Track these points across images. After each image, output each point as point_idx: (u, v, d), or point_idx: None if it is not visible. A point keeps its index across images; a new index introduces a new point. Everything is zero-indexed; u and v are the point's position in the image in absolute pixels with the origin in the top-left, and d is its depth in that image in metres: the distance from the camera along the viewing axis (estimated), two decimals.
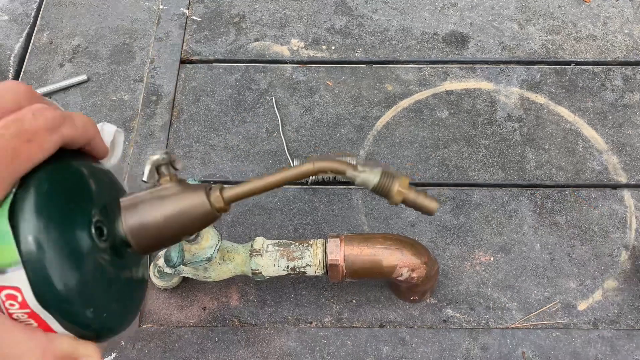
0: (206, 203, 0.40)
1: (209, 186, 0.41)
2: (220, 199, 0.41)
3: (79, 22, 1.04)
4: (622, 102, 0.93)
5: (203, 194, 0.40)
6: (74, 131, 0.36)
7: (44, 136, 0.34)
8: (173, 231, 0.40)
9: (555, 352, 0.74)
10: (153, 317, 0.77)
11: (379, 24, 1.02)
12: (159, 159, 0.40)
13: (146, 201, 0.40)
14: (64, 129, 0.35)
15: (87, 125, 0.38)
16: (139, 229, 0.39)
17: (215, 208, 0.41)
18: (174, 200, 0.40)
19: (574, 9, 1.03)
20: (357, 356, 0.74)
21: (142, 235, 0.39)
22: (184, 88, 0.96)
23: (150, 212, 0.39)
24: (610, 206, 0.84)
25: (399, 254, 0.69)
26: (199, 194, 0.40)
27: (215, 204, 0.41)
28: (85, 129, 0.38)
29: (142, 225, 0.39)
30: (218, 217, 0.41)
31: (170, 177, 0.41)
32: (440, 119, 0.92)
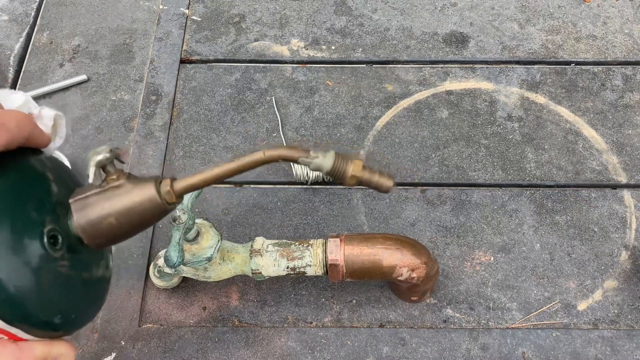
0: (156, 197, 0.39)
1: (159, 179, 0.40)
2: (171, 192, 0.40)
3: (79, 22, 1.04)
4: (622, 102, 0.93)
5: (153, 188, 0.39)
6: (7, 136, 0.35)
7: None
8: (126, 227, 0.39)
9: (555, 352, 0.74)
10: (153, 317, 0.77)
11: (379, 24, 1.02)
12: (102, 159, 0.39)
13: (96, 199, 0.39)
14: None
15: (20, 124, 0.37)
16: (91, 228, 0.38)
17: (166, 201, 0.40)
18: (124, 196, 0.39)
19: (574, 9, 1.03)
20: (357, 356, 0.74)
21: (95, 234, 0.39)
22: (184, 88, 0.96)
23: (100, 210, 0.38)
24: (610, 206, 0.84)
25: (399, 254, 0.69)
26: (148, 189, 0.39)
27: (166, 197, 0.40)
28: (19, 128, 0.36)
29: (93, 224, 0.38)
30: (171, 209, 0.41)
31: (117, 175, 0.40)
32: (440, 119, 0.92)
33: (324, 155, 0.43)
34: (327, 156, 0.43)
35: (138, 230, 0.41)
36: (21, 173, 0.37)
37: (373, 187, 0.45)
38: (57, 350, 0.37)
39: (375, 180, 0.44)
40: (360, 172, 0.44)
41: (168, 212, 0.40)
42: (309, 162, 0.42)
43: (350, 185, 0.44)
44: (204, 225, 0.69)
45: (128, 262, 0.81)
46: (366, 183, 0.44)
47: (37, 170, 0.39)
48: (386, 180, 0.44)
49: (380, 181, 0.44)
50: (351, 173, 0.43)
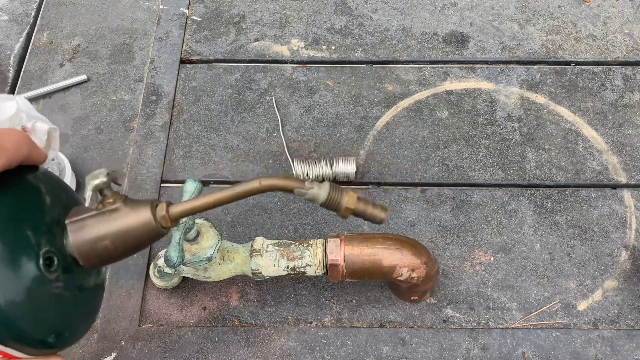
0: (151, 221, 0.40)
1: (155, 203, 0.41)
2: (167, 217, 0.41)
3: (79, 22, 1.04)
4: (622, 102, 0.93)
5: (149, 212, 0.40)
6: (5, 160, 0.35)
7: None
8: (121, 249, 0.40)
9: (555, 352, 0.74)
10: (153, 317, 0.77)
11: (379, 24, 1.02)
12: (99, 183, 0.40)
13: (92, 222, 0.39)
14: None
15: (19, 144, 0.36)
16: (87, 249, 0.39)
17: (161, 225, 0.40)
18: (120, 220, 0.39)
19: (574, 9, 1.03)
20: (357, 356, 0.74)
21: (90, 255, 0.39)
22: (184, 88, 0.96)
23: (96, 232, 0.39)
24: (610, 206, 0.84)
25: (399, 254, 0.69)
26: (144, 213, 0.40)
27: (162, 222, 0.40)
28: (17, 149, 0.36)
29: (89, 246, 0.39)
30: (165, 233, 0.41)
31: (114, 198, 0.40)
32: (440, 119, 0.92)
33: (319, 187, 0.44)
34: (322, 188, 0.44)
35: (132, 253, 0.41)
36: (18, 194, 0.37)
37: (367, 218, 0.45)
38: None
39: (369, 212, 0.45)
40: (354, 204, 0.44)
41: (162, 235, 0.41)
42: (304, 193, 0.43)
43: (343, 217, 0.45)
44: (204, 225, 0.69)
45: (128, 262, 0.81)
46: (360, 214, 0.45)
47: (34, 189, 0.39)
48: (379, 212, 0.45)
49: (374, 213, 0.45)
50: (345, 205, 0.44)
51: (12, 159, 0.36)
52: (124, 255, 0.41)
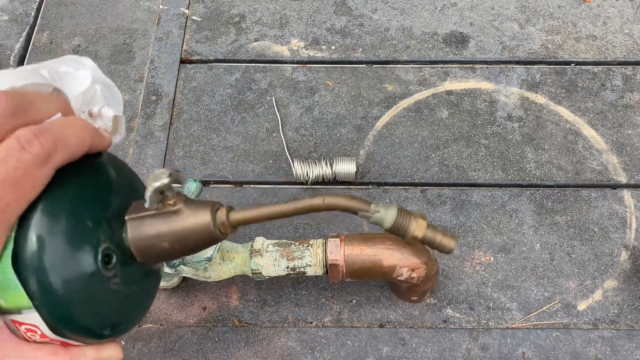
0: (210, 226, 0.39)
1: (216, 206, 0.40)
2: (226, 223, 0.40)
3: (79, 22, 1.04)
4: (622, 102, 0.93)
5: (209, 218, 0.39)
6: (68, 153, 0.34)
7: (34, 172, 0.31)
8: (178, 251, 0.40)
9: (555, 352, 0.74)
10: (153, 317, 0.77)
11: (379, 24, 1.02)
12: (161, 186, 0.39)
13: (152, 222, 0.39)
14: (56, 156, 0.32)
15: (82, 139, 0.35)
16: (144, 248, 0.39)
17: (219, 231, 0.40)
18: (180, 224, 0.39)
19: (574, 9, 1.03)
20: (357, 356, 0.74)
21: (147, 254, 0.39)
22: (184, 88, 0.96)
23: (154, 232, 0.39)
24: (610, 206, 0.84)
25: (399, 253, 0.69)
26: (204, 216, 0.39)
27: (221, 228, 0.40)
28: (81, 143, 0.35)
29: (147, 245, 0.39)
30: (223, 238, 0.40)
31: (175, 200, 0.40)
32: (440, 119, 0.92)
33: (385, 211, 0.41)
34: (389, 212, 0.41)
35: (189, 254, 0.41)
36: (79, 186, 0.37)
37: (435, 247, 0.42)
38: (106, 353, 0.38)
39: (438, 241, 0.42)
40: (423, 232, 0.42)
41: (220, 240, 0.40)
42: (368, 216, 0.41)
43: (410, 244, 0.43)
44: None
45: None
46: (428, 243, 0.43)
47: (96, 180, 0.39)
48: (449, 241, 0.42)
49: (443, 242, 0.42)
50: (414, 233, 0.41)
51: (75, 153, 0.35)
52: (180, 255, 0.41)
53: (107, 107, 0.40)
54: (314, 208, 0.41)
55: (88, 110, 0.41)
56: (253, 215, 0.40)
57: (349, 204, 0.40)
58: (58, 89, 0.39)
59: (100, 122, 0.41)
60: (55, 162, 0.32)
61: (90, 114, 0.41)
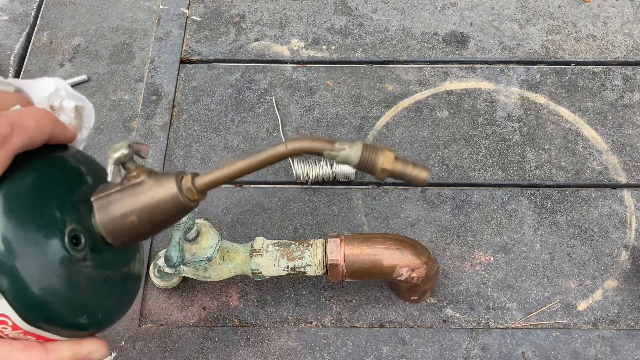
0: (177, 194, 0.38)
1: (180, 175, 0.39)
2: (192, 189, 0.39)
3: (79, 22, 1.04)
4: (622, 102, 0.93)
5: (174, 185, 0.38)
6: (26, 137, 0.34)
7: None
8: (148, 225, 0.38)
9: (555, 352, 0.74)
10: (153, 317, 0.77)
11: (379, 24, 1.02)
12: (120, 156, 0.38)
13: (117, 197, 0.38)
14: (14, 140, 0.33)
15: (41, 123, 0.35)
16: (114, 226, 0.38)
17: (187, 198, 0.39)
18: (145, 196, 0.38)
19: (574, 9, 1.03)
20: (357, 356, 0.74)
21: (118, 232, 0.38)
22: (184, 88, 0.96)
23: (122, 208, 0.38)
24: (610, 206, 0.84)
25: (399, 254, 0.69)
26: (169, 186, 0.38)
27: (188, 195, 0.39)
28: (40, 127, 0.35)
29: (116, 225, 0.38)
30: (193, 206, 0.39)
31: (137, 171, 0.39)
32: (440, 119, 0.92)
33: (350, 147, 0.39)
34: (354, 147, 0.39)
35: (162, 228, 0.40)
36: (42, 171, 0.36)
37: (407, 179, 0.40)
38: (86, 348, 0.36)
39: (409, 172, 0.40)
40: (392, 164, 0.40)
41: (191, 208, 0.39)
42: (334, 155, 0.39)
43: (380, 179, 0.40)
44: (204, 225, 0.69)
45: None
46: (399, 176, 0.40)
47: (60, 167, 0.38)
48: (420, 171, 0.40)
49: (413, 173, 0.40)
50: (382, 165, 0.40)
51: (34, 138, 0.35)
52: (153, 231, 0.39)
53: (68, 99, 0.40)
54: (279, 156, 0.40)
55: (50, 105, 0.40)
56: (218, 175, 0.39)
57: (312, 145, 0.39)
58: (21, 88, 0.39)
59: (64, 116, 0.40)
60: (14, 146, 0.33)
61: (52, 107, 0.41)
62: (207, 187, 0.39)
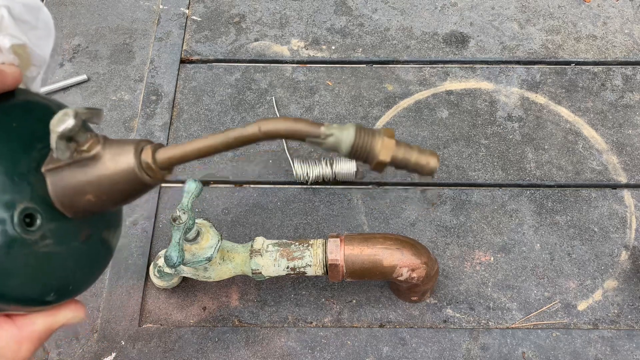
0: (134, 171, 0.33)
1: (140, 145, 0.34)
2: (153, 165, 0.33)
3: (79, 22, 1.04)
4: (622, 102, 0.93)
5: (132, 159, 0.33)
6: None
7: None
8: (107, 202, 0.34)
9: (555, 352, 0.74)
10: (153, 317, 0.77)
11: (379, 24, 1.02)
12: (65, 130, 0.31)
13: (70, 172, 0.33)
14: None
15: None
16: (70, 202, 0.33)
17: (147, 174, 0.33)
18: (98, 169, 0.33)
19: (574, 9, 1.03)
20: (357, 356, 0.74)
21: (75, 208, 0.33)
22: (184, 88, 0.96)
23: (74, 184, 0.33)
24: (610, 206, 0.84)
25: (399, 254, 0.69)
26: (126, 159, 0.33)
27: (148, 171, 0.33)
28: None
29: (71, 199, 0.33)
30: (154, 184, 0.34)
31: (91, 143, 0.33)
32: (440, 119, 0.92)
33: (340, 131, 0.31)
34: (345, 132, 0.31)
35: (123, 203, 0.35)
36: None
37: (412, 169, 0.33)
38: (62, 316, 0.33)
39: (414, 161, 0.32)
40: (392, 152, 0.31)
41: (152, 186, 0.34)
42: (320, 142, 0.32)
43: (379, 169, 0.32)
44: (204, 225, 0.69)
45: (128, 262, 0.81)
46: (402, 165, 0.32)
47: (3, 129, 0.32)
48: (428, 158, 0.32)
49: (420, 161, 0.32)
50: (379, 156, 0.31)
51: None
52: (114, 206, 0.35)
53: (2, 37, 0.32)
54: (251, 138, 0.33)
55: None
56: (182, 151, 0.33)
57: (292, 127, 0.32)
58: None
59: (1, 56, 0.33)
60: None
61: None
62: (170, 163, 0.33)
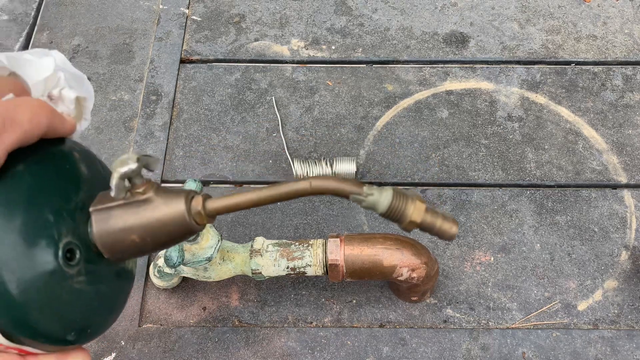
0: (185, 217, 0.35)
1: (191, 194, 0.36)
2: (202, 212, 0.36)
3: (79, 22, 1.04)
4: (622, 102, 0.93)
5: (182, 206, 0.35)
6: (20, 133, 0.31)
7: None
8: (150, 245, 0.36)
9: (555, 352, 0.74)
10: (153, 317, 0.77)
11: (379, 24, 1.02)
12: (128, 171, 0.34)
13: (119, 213, 0.35)
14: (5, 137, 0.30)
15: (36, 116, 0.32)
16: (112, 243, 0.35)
17: (195, 221, 0.36)
18: (150, 214, 0.35)
19: (574, 8, 1.03)
20: (357, 356, 0.74)
21: (116, 249, 0.35)
22: (184, 88, 0.96)
23: (123, 225, 0.35)
24: (610, 206, 0.84)
25: (399, 254, 0.69)
26: (178, 205, 0.35)
27: (196, 218, 0.36)
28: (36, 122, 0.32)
29: (115, 239, 0.35)
30: (200, 229, 0.37)
31: (145, 187, 0.35)
32: (440, 119, 0.92)
33: (379, 193, 0.37)
34: (384, 194, 0.36)
35: (162, 248, 0.37)
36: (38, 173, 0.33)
37: (435, 233, 0.38)
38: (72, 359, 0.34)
39: (438, 226, 0.38)
40: (422, 216, 0.37)
41: (197, 232, 0.37)
42: (361, 200, 0.37)
43: (407, 230, 0.38)
44: None
45: None
46: (427, 228, 0.38)
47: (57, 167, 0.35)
48: (450, 225, 0.38)
49: (443, 227, 0.38)
50: (411, 217, 0.37)
51: (29, 133, 0.31)
52: (154, 250, 0.37)
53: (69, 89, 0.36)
54: (300, 193, 0.37)
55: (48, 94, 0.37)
56: (232, 202, 0.36)
57: (339, 186, 0.36)
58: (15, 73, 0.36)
59: (62, 106, 0.37)
60: (6, 144, 0.30)
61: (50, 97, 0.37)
62: (218, 212, 0.36)
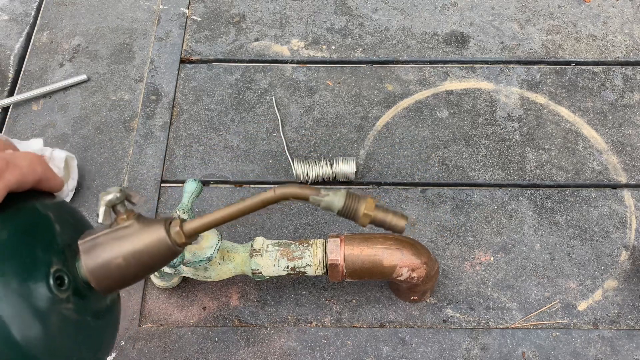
0: (165, 238, 0.39)
1: (168, 220, 0.40)
2: (181, 233, 0.40)
3: (79, 22, 1.04)
4: (622, 102, 0.93)
5: (162, 229, 0.39)
6: (18, 175, 0.35)
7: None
8: (135, 270, 0.39)
9: (555, 352, 0.74)
10: (153, 317, 0.77)
11: (379, 24, 1.02)
12: (113, 199, 0.39)
13: (104, 242, 0.39)
14: (7, 176, 0.34)
15: (33, 165, 0.37)
16: (99, 269, 0.38)
17: (175, 242, 0.40)
18: (133, 239, 0.39)
19: (574, 8, 1.03)
20: (357, 356, 0.74)
21: (104, 277, 0.38)
22: (184, 88, 0.96)
23: (109, 253, 0.38)
24: (610, 206, 0.84)
25: (399, 254, 0.69)
26: (158, 230, 0.39)
27: (176, 240, 0.40)
28: (32, 168, 0.37)
29: (102, 267, 0.38)
30: (180, 251, 0.41)
31: (127, 215, 0.40)
32: (440, 118, 0.92)
33: (334, 194, 0.43)
34: (338, 195, 0.43)
35: (147, 273, 0.40)
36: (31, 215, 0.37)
37: (387, 227, 0.44)
38: None
39: (389, 220, 0.44)
40: (372, 212, 0.44)
41: (178, 253, 0.40)
42: (318, 201, 0.43)
43: (362, 225, 0.44)
44: None
45: None
46: (379, 223, 0.44)
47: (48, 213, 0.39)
48: (399, 219, 0.44)
49: (393, 221, 0.44)
50: (363, 212, 0.43)
51: (25, 178, 0.36)
52: (139, 276, 0.40)
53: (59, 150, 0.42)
54: (268, 201, 0.42)
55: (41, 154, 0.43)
56: (207, 221, 0.41)
57: (299, 192, 0.42)
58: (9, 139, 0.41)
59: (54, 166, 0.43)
60: (7, 181, 0.34)
61: None
62: (195, 231, 0.41)
